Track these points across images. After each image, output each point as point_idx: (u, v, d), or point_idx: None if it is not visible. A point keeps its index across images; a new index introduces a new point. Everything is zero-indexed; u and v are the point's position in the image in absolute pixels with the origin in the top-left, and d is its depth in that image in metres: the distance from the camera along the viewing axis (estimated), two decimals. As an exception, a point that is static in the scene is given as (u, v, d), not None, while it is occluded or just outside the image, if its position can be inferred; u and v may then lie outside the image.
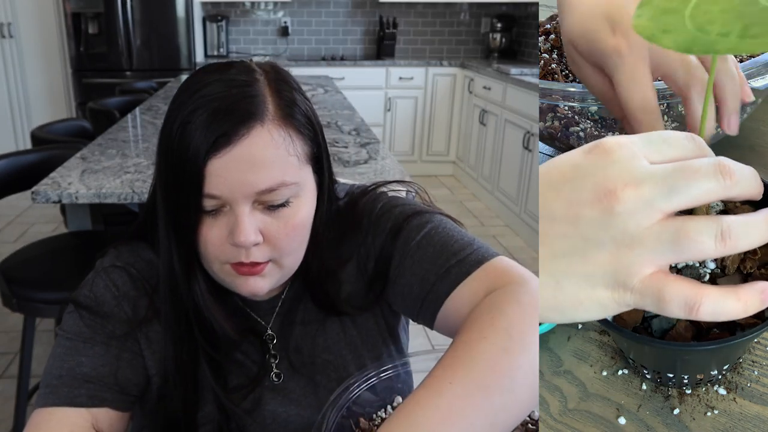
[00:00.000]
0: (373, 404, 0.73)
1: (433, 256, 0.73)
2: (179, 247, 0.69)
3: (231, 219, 0.66)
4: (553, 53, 1.01)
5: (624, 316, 0.66)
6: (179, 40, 5.06)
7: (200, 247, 0.68)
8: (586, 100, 0.84)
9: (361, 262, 0.80)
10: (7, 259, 1.87)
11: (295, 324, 0.81)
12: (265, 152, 0.64)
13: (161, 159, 0.68)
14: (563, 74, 0.98)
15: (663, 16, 0.47)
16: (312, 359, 0.81)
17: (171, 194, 0.67)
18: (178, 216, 0.67)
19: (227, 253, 0.67)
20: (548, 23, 1.07)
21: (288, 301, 0.81)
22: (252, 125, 0.63)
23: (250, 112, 0.64)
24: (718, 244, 0.47)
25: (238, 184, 0.64)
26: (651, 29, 0.47)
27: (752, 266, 0.66)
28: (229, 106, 0.63)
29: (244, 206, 0.65)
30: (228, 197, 0.64)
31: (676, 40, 0.46)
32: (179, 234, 0.68)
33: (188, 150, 0.63)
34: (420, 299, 0.73)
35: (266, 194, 0.65)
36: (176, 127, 0.64)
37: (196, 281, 0.71)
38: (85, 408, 0.70)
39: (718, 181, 0.47)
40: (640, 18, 0.48)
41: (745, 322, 0.63)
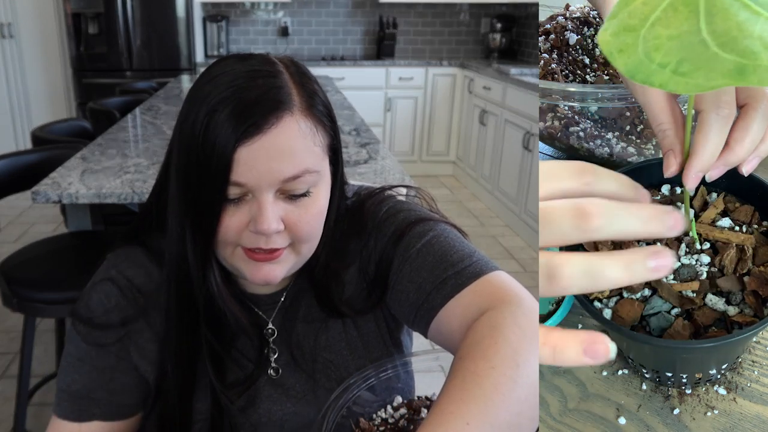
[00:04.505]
0: (373, 404, 0.73)
1: (431, 265, 0.73)
2: (196, 236, 0.70)
3: (253, 207, 0.67)
4: (553, 53, 1.01)
5: (622, 313, 0.66)
6: (179, 40, 5.06)
7: (219, 235, 0.69)
8: (586, 100, 0.84)
9: (363, 265, 0.81)
10: (7, 259, 1.87)
11: (297, 320, 0.81)
12: (292, 141, 0.66)
13: (181, 149, 0.68)
14: (563, 74, 0.98)
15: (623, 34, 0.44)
16: (313, 357, 0.81)
17: (193, 184, 0.67)
18: (199, 205, 0.68)
19: (245, 240, 0.68)
20: (548, 23, 1.07)
21: (291, 297, 0.81)
22: (281, 115, 0.65)
23: (279, 102, 0.65)
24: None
25: (265, 173, 0.65)
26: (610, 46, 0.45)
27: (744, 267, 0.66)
28: (259, 96, 0.65)
29: (268, 194, 0.66)
30: (253, 185, 0.66)
31: (626, 63, 0.44)
32: (197, 223, 0.69)
33: (217, 138, 0.64)
34: (415, 307, 0.73)
35: (290, 182, 0.66)
36: (201, 116, 0.65)
37: (212, 270, 0.72)
38: (75, 423, 0.77)
39: (574, 223, 0.47)
40: (604, 32, 0.45)
41: (743, 321, 0.63)
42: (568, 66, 0.99)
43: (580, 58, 1.00)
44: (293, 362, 0.81)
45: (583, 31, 1.04)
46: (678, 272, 0.68)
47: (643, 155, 0.91)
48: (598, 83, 0.96)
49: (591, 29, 1.04)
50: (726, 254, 0.67)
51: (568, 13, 1.07)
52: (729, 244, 0.68)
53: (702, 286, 0.66)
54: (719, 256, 0.68)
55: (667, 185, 0.78)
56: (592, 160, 0.96)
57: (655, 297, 0.67)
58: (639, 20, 0.43)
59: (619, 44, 0.44)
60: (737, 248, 0.68)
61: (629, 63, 0.44)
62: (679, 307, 0.66)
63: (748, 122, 0.60)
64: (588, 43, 1.02)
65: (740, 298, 0.65)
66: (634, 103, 0.83)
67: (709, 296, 0.65)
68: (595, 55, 1.00)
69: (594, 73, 0.99)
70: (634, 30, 0.43)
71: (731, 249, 0.67)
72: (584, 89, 0.84)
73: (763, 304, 0.64)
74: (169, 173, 0.73)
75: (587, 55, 1.01)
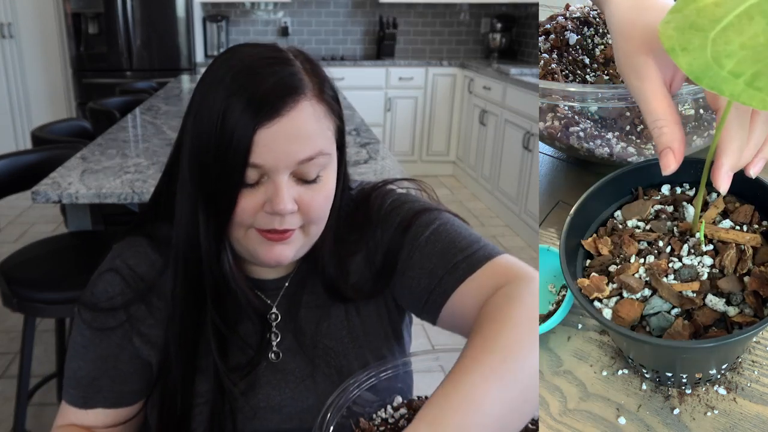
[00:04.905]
0: (373, 404, 0.73)
1: (441, 251, 0.76)
2: (210, 219, 0.72)
3: (269, 188, 0.69)
4: (553, 53, 1.01)
5: (622, 313, 0.66)
6: (179, 40, 5.06)
7: (235, 217, 0.71)
8: (586, 100, 0.84)
9: (369, 255, 0.83)
10: (7, 259, 1.87)
11: (300, 306, 0.83)
12: (307, 125, 0.69)
13: (197, 134, 0.70)
14: (563, 74, 0.98)
15: (688, 31, 0.42)
16: (314, 343, 0.83)
17: (209, 167, 0.69)
18: (215, 188, 0.70)
19: (260, 221, 0.71)
20: (548, 23, 1.07)
21: (295, 283, 0.83)
22: (299, 99, 0.68)
23: (295, 87, 0.68)
24: None
25: (282, 154, 0.68)
26: (673, 42, 0.43)
27: (744, 267, 0.66)
28: (276, 81, 0.67)
29: (283, 176, 0.69)
30: (270, 167, 0.68)
31: (691, 63, 0.42)
32: (212, 206, 0.71)
33: (236, 122, 0.66)
34: (427, 292, 0.76)
35: (305, 164, 0.69)
36: (218, 101, 0.67)
37: (225, 253, 0.74)
38: (81, 409, 0.80)
39: None
40: (667, 25, 0.44)
41: (743, 321, 0.63)
42: (568, 66, 0.99)
43: (580, 58, 1.00)
44: (295, 347, 0.82)
45: (583, 31, 1.04)
46: (678, 272, 0.68)
47: (643, 155, 0.91)
48: (598, 83, 0.96)
49: (591, 29, 1.04)
50: (726, 254, 0.67)
51: (568, 13, 1.07)
52: (729, 244, 0.68)
53: (702, 287, 0.66)
54: (719, 256, 0.68)
55: (667, 185, 0.78)
56: (592, 160, 0.96)
57: (655, 297, 0.67)
58: (709, 21, 0.42)
59: (683, 42, 0.43)
60: (737, 248, 0.68)
61: (694, 64, 0.42)
62: (679, 307, 0.66)
63: (753, 126, 0.60)
64: (588, 43, 1.02)
65: (740, 299, 0.65)
66: (634, 103, 0.83)
67: (709, 296, 0.65)
68: (595, 55, 1.00)
69: (594, 73, 0.99)
70: (703, 30, 0.42)
71: (731, 249, 0.67)
72: (584, 89, 0.84)
73: (763, 304, 0.64)
74: (180, 159, 0.75)
75: (587, 55, 1.01)
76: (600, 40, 1.02)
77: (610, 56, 0.98)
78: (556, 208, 0.97)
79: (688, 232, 0.71)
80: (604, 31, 1.03)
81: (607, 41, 1.01)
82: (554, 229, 0.94)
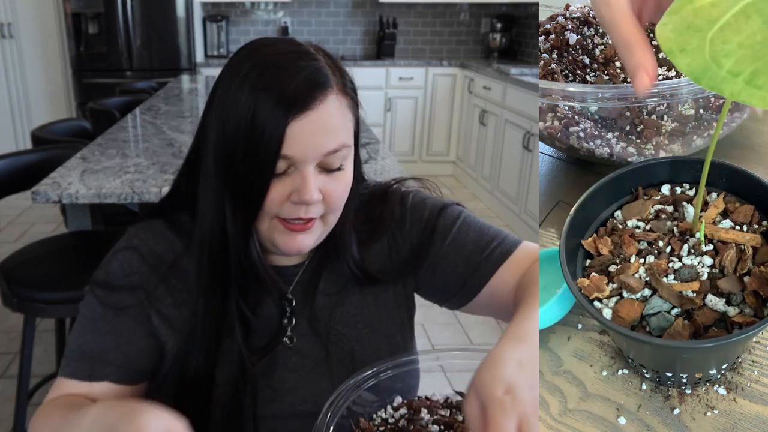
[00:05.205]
0: (373, 404, 0.73)
1: (474, 240, 0.85)
2: (238, 211, 0.74)
3: (296, 179, 0.72)
4: (553, 53, 1.01)
5: (622, 313, 0.66)
6: (179, 40, 5.06)
7: (264, 207, 0.73)
8: (586, 100, 0.84)
9: (393, 245, 0.88)
10: (7, 259, 1.87)
11: (316, 292, 0.85)
12: (334, 118, 0.72)
13: (223, 127, 0.72)
14: (563, 74, 0.98)
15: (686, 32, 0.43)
16: (327, 329, 0.85)
17: (237, 159, 0.71)
18: (245, 180, 0.72)
19: (285, 211, 0.74)
20: (548, 23, 1.07)
21: (310, 270, 0.86)
22: (327, 92, 0.71)
23: (322, 81, 0.71)
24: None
25: (311, 146, 0.71)
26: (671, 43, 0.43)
27: (744, 267, 0.66)
28: (306, 76, 0.70)
29: (310, 167, 0.72)
30: (299, 158, 0.71)
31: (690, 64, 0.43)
32: (240, 198, 0.73)
33: (267, 115, 0.69)
34: (464, 277, 0.84)
35: (330, 155, 0.73)
36: (246, 95, 0.70)
37: (253, 242, 0.77)
38: (85, 382, 0.78)
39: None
40: (665, 27, 0.44)
41: (743, 321, 0.63)
42: (568, 66, 0.99)
43: (580, 58, 1.00)
44: (309, 332, 0.84)
45: (583, 31, 1.04)
46: (678, 272, 0.68)
47: (643, 155, 0.91)
48: (598, 83, 0.96)
49: (591, 29, 1.04)
50: (726, 254, 0.67)
51: (568, 13, 1.07)
52: (729, 244, 0.68)
53: (702, 287, 0.66)
54: (719, 256, 0.68)
55: (667, 185, 0.78)
56: (592, 160, 0.96)
57: (655, 297, 0.67)
58: (706, 22, 0.42)
59: (681, 43, 0.43)
60: (737, 248, 0.67)
61: (693, 65, 0.42)
62: (679, 307, 0.66)
63: None
64: (588, 43, 1.02)
65: (740, 299, 0.65)
66: (634, 103, 0.83)
67: (709, 296, 0.65)
68: (595, 55, 1.00)
69: (594, 73, 0.99)
70: (700, 31, 0.42)
71: (731, 249, 0.67)
72: (584, 89, 0.84)
73: (763, 304, 0.64)
74: (202, 152, 0.77)
75: (587, 55, 1.01)
76: (600, 40, 1.02)
77: (610, 56, 0.98)
78: (556, 208, 0.97)
79: (688, 232, 0.71)
80: (604, 31, 1.02)
81: (606, 41, 1.01)
82: (554, 229, 0.94)
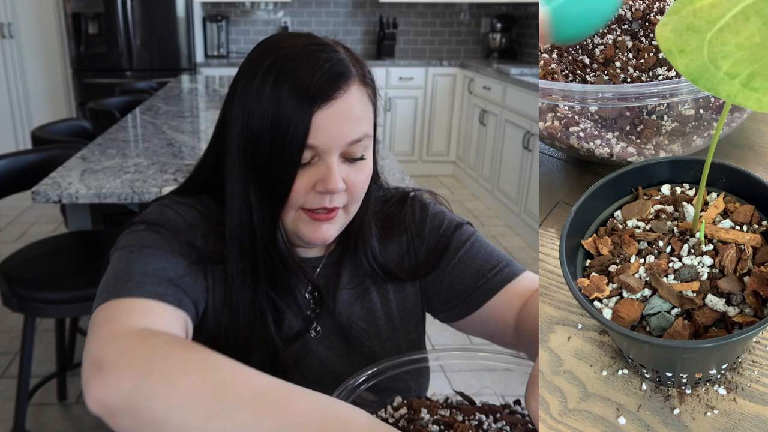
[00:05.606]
0: (373, 404, 0.73)
1: (485, 258, 0.87)
2: (264, 201, 0.75)
3: (321, 169, 0.73)
4: (553, 53, 1.01)
5: (622, 313, 0.66)
6: (179, 40, 5.06)
7: (290, 198, 0.74)
8: (586, 100, 0.84)
9: (411, 245, 0.90)
10: (7, 259, 1.87)
11: (338, 286, 0.86)
12: (357, 108, 0.74)
13: (247, 119, 0.73)
14: (563, 74, 0.98)
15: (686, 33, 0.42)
16: (349, 323, 0.86)
17: (263, 151, 0.72)
18: (270, 170, 0.72)
19: (310, 201, 0.75)
20: (548, 23, 1.06)
21: (331, 263, 0.87)
22: (350, 83, 0.73)
23: (345, 72, 0.73)
24: None
25: (336, 135, 0.72)
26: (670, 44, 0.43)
27: (744, 267, 0.66)
28: (330, 67, 0.72)
29: (334, 156, 0.74)
30: (324, 147, 0.72)
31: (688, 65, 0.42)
32: (266, 188, 0.74)
33: (293, 105, 0.70)
34: (471, 288, 0.86)
35: (353, 145, 0.74)
36: (269, 87, 0.71)
37: (280, 233, 0.78)
38: (173, 307, 0.68)
39: None
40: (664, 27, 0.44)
41: (743, 321, 0.63)
42: (568, 66, 0.99)
43: (580, 58, 1.00)
44: (332, 325, 0.85)
45: (583, 31, 1.04)
46: (678, 272, 0.68)
47: (643, 155, 0.91)
48: (598, 83, 0.96)
49: (591, 29, 1.04)
50: (726, 254, 0.67)
51: (568, 13, 1.07)
52: (729, 244, 0.68)
53: (702, 287, 0.66)
54: (719, 256, 0.68)
55: (667, 185, 0.78)
56: (592, 160, 0.96)
57: (655, 297, 0.67)
58: (705, 22, 0.42)
59: (680, 44, 0.43)
60: (737, 248, 0.67)
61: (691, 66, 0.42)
62: (679, 307, 0.66)
63: None
64: (588, 43, 1.02)
65: (740, 299, 0.65)
66: (634, 103, 0.83)
67: (709, 297, 0.65)
68: (595, 55, 1.00)
69: (594, 73, 0.99)
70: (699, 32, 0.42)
71: (731, 249, 0.67)
72: (584, 89, 0.84)
73: (763, 304, 0.64)
74: (226, 145, 0.77)
75: (587, 55, 1.01)
76: (600, 40, 1.02)
77: (610, 56, 0.98)
78: (556, 208, 0.97)
79: (688, 232, 0.71)
80: (603, 31, 1.02)
81: (606, 41, 1.01)
82: (554, 229, 0.94)
